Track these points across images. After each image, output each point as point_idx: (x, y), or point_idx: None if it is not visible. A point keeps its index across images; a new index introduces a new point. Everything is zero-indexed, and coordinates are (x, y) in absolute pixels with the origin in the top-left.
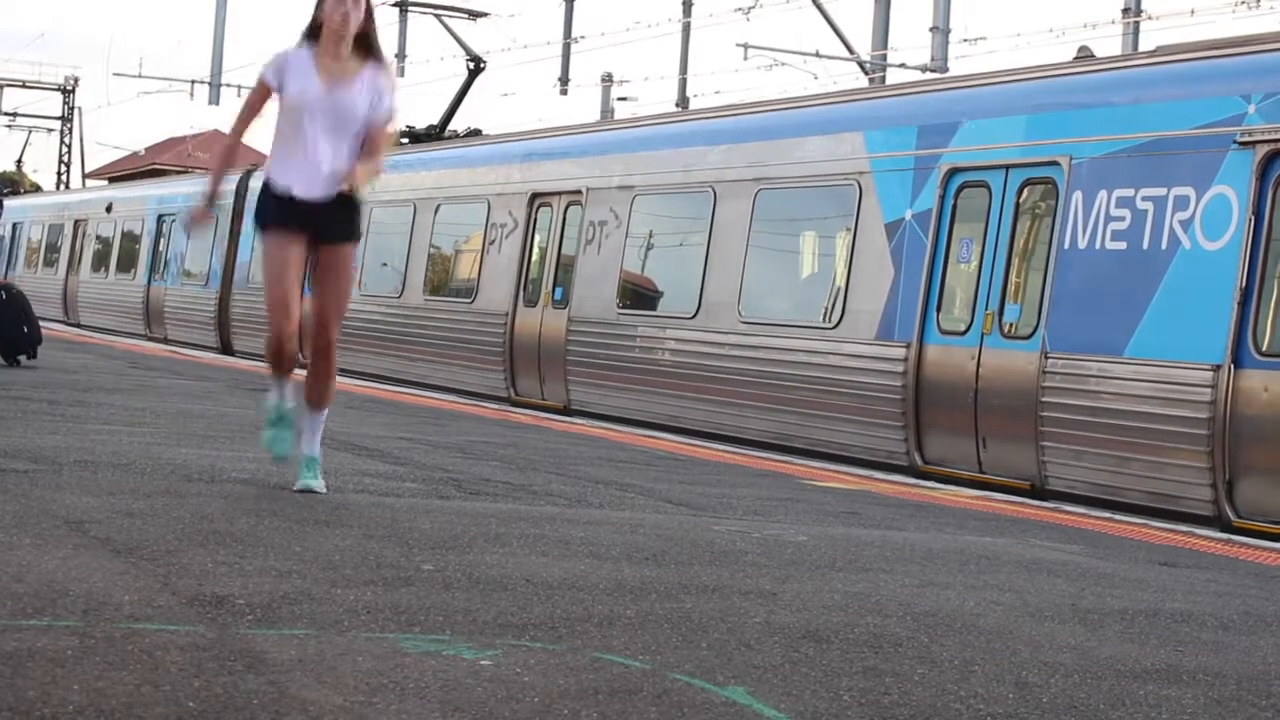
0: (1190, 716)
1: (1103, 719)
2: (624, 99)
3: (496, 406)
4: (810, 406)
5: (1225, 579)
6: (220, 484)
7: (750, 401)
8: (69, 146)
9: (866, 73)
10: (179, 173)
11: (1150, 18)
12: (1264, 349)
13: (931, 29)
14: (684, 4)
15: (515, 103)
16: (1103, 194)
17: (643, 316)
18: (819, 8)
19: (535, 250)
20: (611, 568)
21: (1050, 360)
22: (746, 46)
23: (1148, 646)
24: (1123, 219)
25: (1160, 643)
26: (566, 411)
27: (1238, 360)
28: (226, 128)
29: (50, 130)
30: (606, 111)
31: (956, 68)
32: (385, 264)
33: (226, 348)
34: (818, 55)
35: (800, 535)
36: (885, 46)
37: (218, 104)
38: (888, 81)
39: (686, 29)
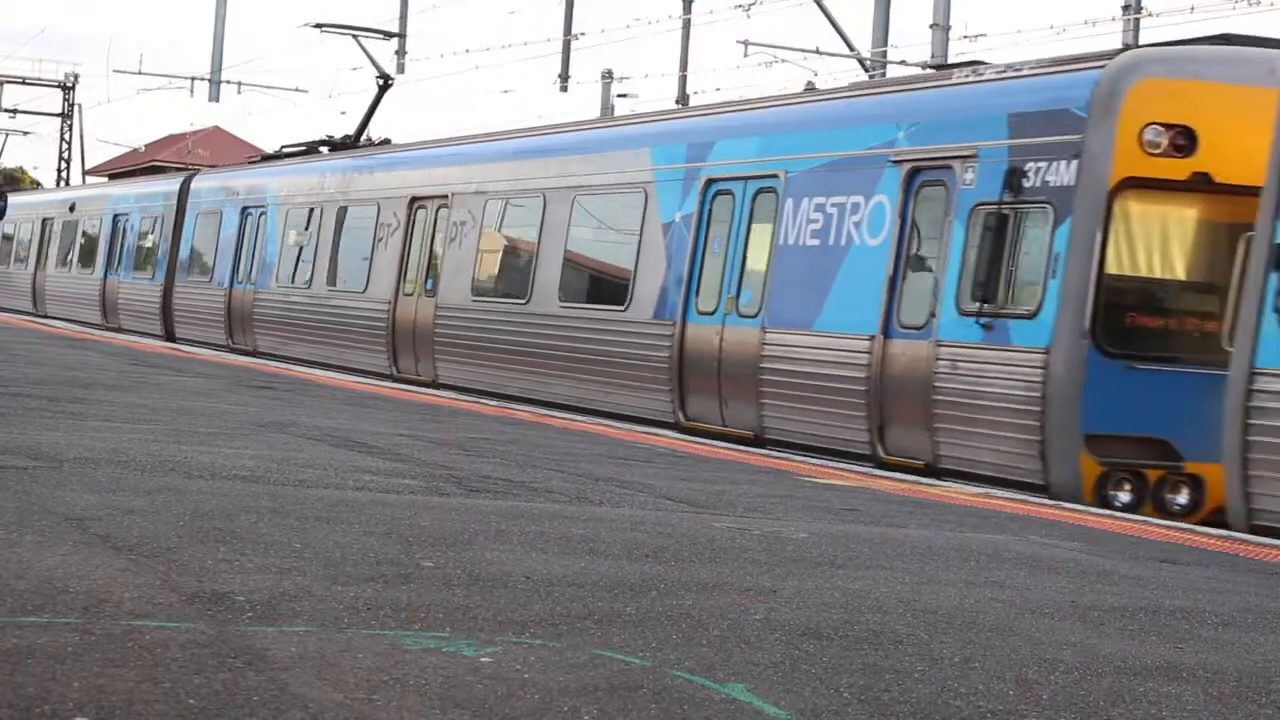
0: (1190, 713)
1: (1103, 716)
2: (624, 96)
3: (392, 385)
4: (608, 375)
5: (1225, 576)
6: (220, 481)
7: (566, 372)
8: (69, 144)
9: (867, 70)
10: (179, 169)
11: (1151, 14)
12: (903, 323)
13: (931, 26)
14: (684, 1)
15: (515, 99)
16: (806, 200)
17: (491, 303)
18: (819, 5)
19: (413, 247)
20: (611, 565)
21: (767, 334)
22: (747, 43)
23: (1148, 643)
24: (817, 221)
25: (1160, 640)
26: (435, 385)
27: (886, 332)
28: (227, 125)
29: (26, 133)
30: (607, 108)
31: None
32: (299, 259)
33: (170, 335)
34: (818, 52)
35: (800, 532)
36: (885, 44)
37: (218, 101)
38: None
39: (687, 25)
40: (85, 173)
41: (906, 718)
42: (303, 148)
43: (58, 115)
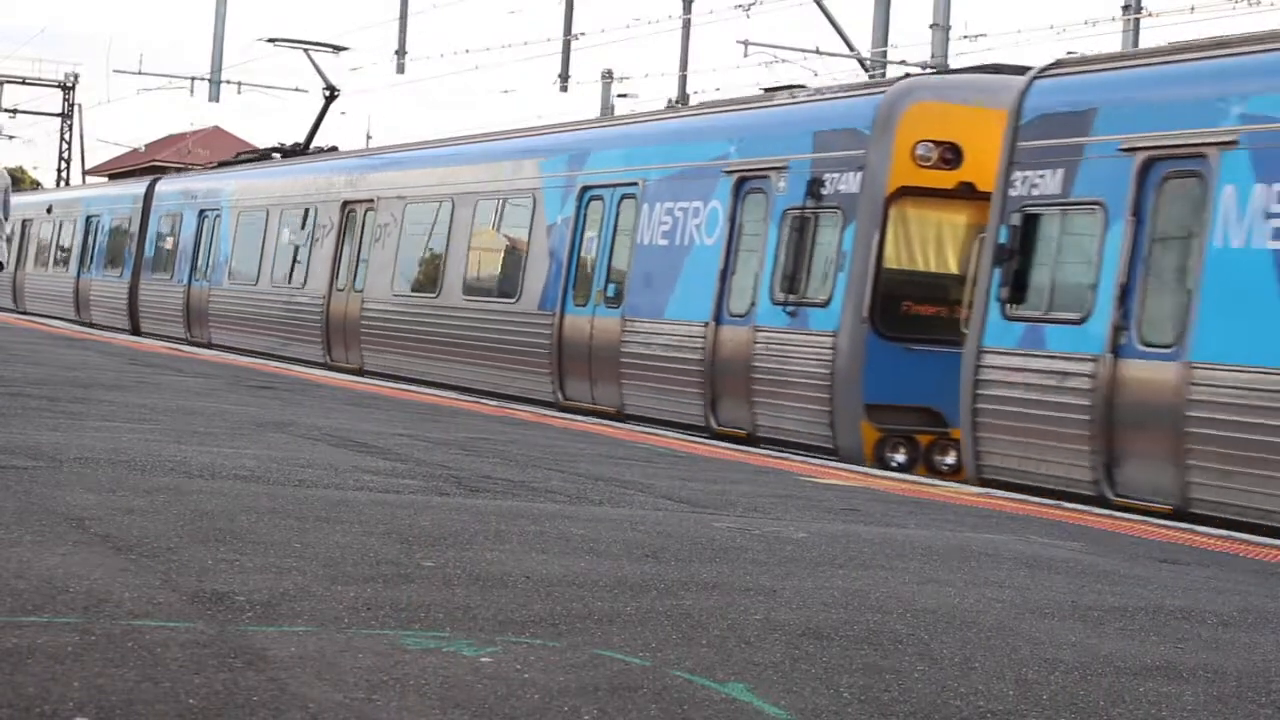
0: (1190, 713)
1: (1103, 716)
2: (624, 96)
3: (344, 377)
4: (503, 361)
5: (1225, 576)
6: (220, 481)
7: (470, 359)
8: (69, 143)
9: (867, 70)
10: (179, 169)
11: (1151, 14)
12: (731, 311)
13: (932, 26)
14: (684, 1)
15: (515, 99)
16: (659, 205)
17: (409, 297)
18: (819, 5)
19: (345, 247)
20: (611, 564)
21: (626, 323)
22: (747, 43)
23: (1148, 643)
24: (667, 223)
25: (1160, 640)
26: (361, 372)
27: (718, 319)
28: (227, 125)
29: (11, 137)
30: (607, 108)
31: (957, 65)
32: (248, 258)
33: (136, 329)
34: (818, 52)
35: (800, 532)
36: (885, 44)
37: (218, 101)
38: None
39: (687, 25)
40: (85, 173)
41: (906, 718)
42: (256, 154)
43: (58, 115)
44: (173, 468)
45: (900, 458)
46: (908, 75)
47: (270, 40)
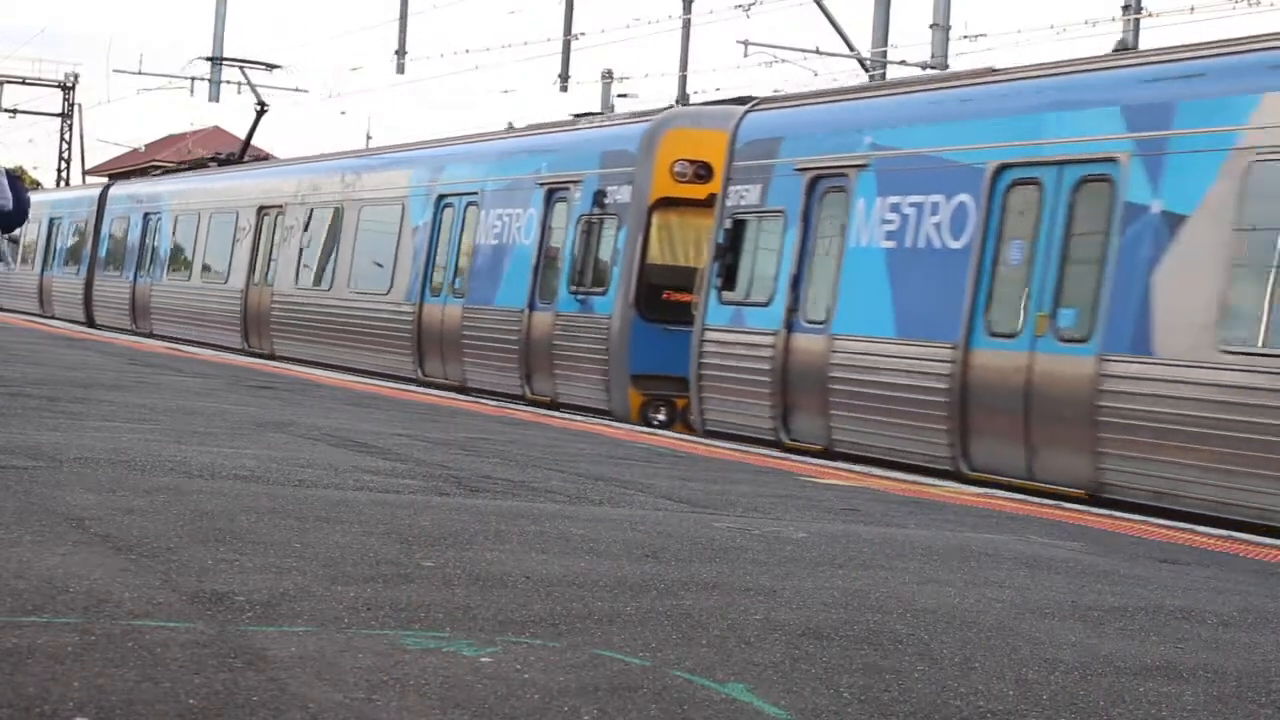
0: (1190, 713)
1: (1103, 716)
2: (624, 96)
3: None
4: (379, 345)
5: (1225, 576)
6: (220, 481)
7: (355, 344)
8: (69, 143)
9: (867, 70)
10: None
11: (1151, 14)
12: (542, 300)
13: (932, 26)
14: (684, 1)
15: (515, 99)
16: (493, 211)
17: (308, 290)
18: (819, 5)
19: (260, 246)
20: (611, 565)
21: (467, 310)
22: (747, 43)
23: (1148, 643)
24: (498, 226)
25: (1160, 640)
26: (272, 357)
27: (532, 306)
28: (227, 125)
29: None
30: (607, 108)
31: (956, 64)
32: (183, 256)
33: (90, 322)
34: (818, 52)
35: (800, 532)
36: (885, 44)
37: (218, 101)
38: (888, 78)
39: (687, 25)
40: (85, 173)
41: (906, 718)
42: (196, 163)
43: (58, 115)
44: (173, 468)
45: (661, 417)
46: (670, 107)
47: (209, 59)
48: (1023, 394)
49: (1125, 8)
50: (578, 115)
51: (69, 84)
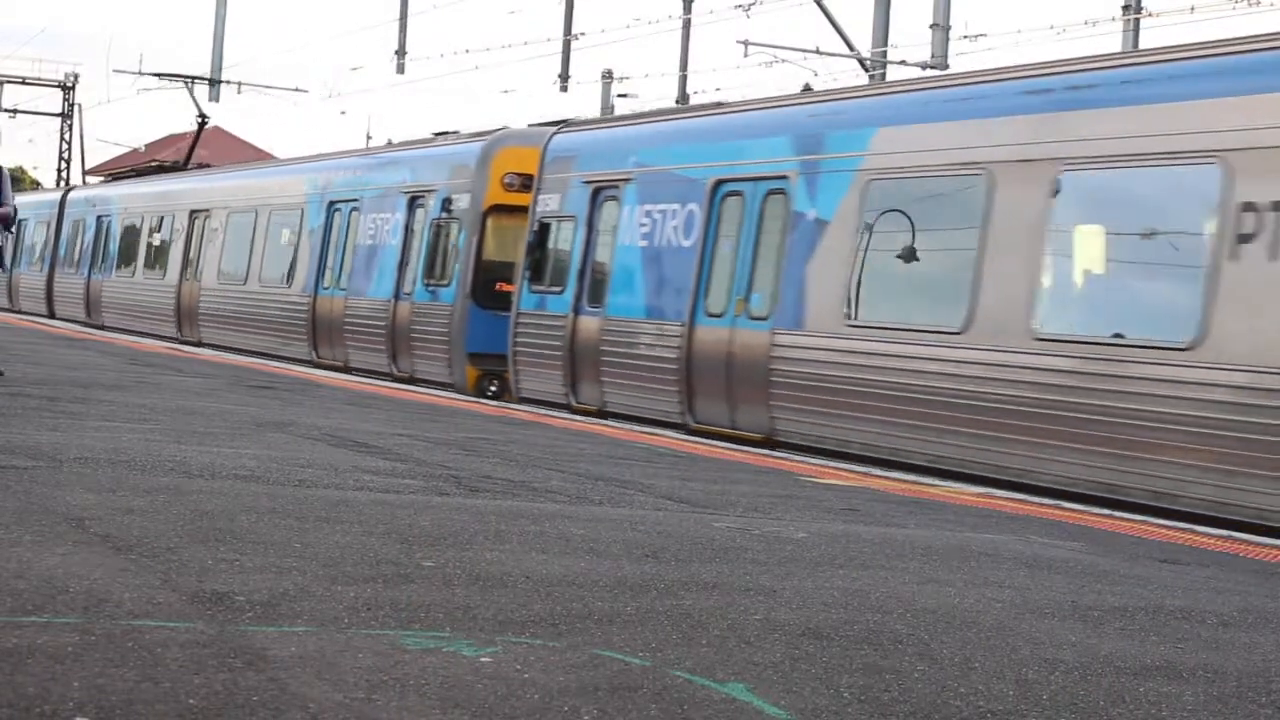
0: (1190, 713)
1: (1103, 716)
2: (624, 96)
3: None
4: (283, 333)
5: (1225, 576)
6: (220, 481)
7: (265, 332)
8: (69, 143)
9: (867, 70)
10: (179, 169)
11: (1151, 14)
12: (404, 291)
13: (932, 26)
14: (684, 1)
15: (515, 99)
16: (371, 215)
17: (229, 286)
18: (819, 5)
19: (191, 245)
20: (611, 564)
21: (348, 301)
22: (747, 43)
23: (1148, 644)
24: (373, 228)
25: (1160, 640)
26: (200, 344)
27: (397, 296)
28: (227, 125)
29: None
30: (607, 108)
31: (957, 64)
32: (128, 255)
33: (51, 314)
34: (818, 52)
35: (800, 532)
36: (885, 43)
37: (217, 101)
38: (889, 80)
39: (687, 25)
40: (85, 173)
41: (906, 718)
42: (144, 170)
43: (58, 115)
44: (173, 468)
45: (494, 389)
46: (504, 128)
47: (156, 74)
48: (725, 362)
49: (1125, 8)
50: (437, 133)
51: (69, 84)
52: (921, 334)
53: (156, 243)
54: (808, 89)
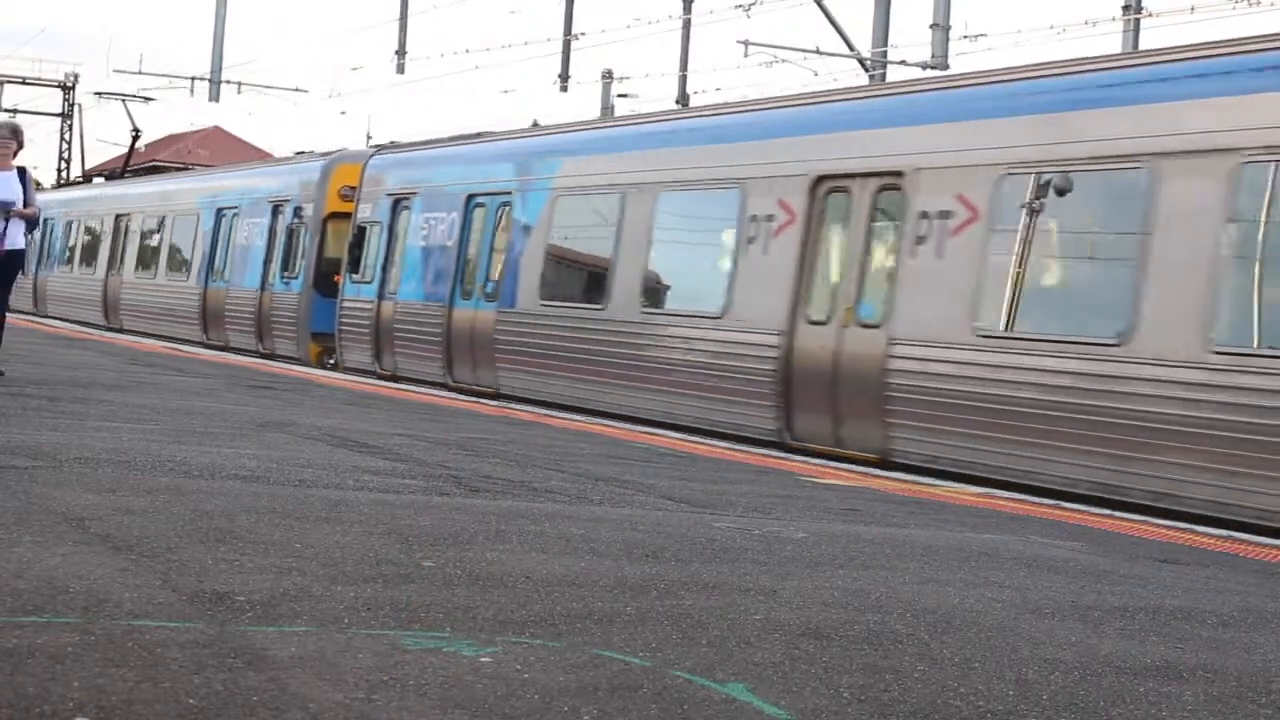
0: (1190, 713)
1: (1103, 716)
2: (624, 96)
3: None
4: (181, 320)
5: (1225, 576)
6: (220, 481)
7: (168, 319)
8: (69, 143)
9: (867, 70)
10: (179, 169)
11: (1151, 15)
12: (269, 283)
13: (932, 26)
14: (684, 1)
15: (515, 99)
16: (247, 220)
17: (143, 279)
18: (819, 5)
19: (117, 243)
20: (611, 565)
21: (228, 291)
22: (747, 43)
23: (1148, 643)
24: (248, 230)
25: (1160, 640)
26: (121, 330)
27: (263, 287)
28: (227, 125)
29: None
30: (607, 108)
31: (957, 64)
32: (68, 252)
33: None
34: (818, 52)
35: (800, 532)
36: (886, 44)
37: (217, 101)
38: (888, 80)
39: (687, 25)
40: (85, 173)
41: (906, 718)
42: (87, 179)
43: (58, 115)
44: (173, 468)
45: (330, 361)
46: (342, 149)
47: (99, 94)
48: (469, 334)
49: (1125, 8)
50: (298, 152)
51: (69, 84)
52: (577, 309)
53: (88, 242)
54: (535, 124)
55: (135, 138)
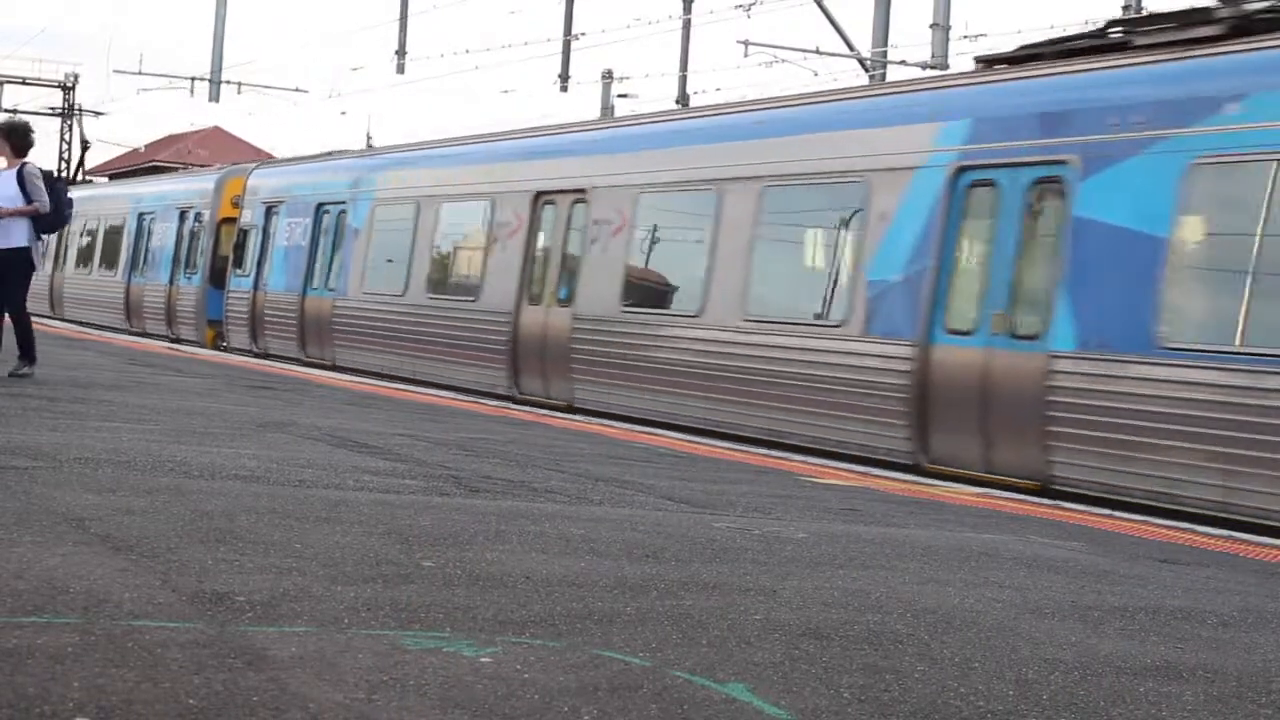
0: (1190, 713)
1: (1103, 716)
2: (624, 96)
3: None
4: (111, 309)
5: (1225, 576)
6: (220, 481)
7: (101, 309)
8: (69, 143)
9: (867, 70)
10: (179, 169)
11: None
12: (175, 279)
13: (932, 26)
14: (684, 1)
15: (515, 99)
16: (161, 223)
17: (81, 274)
18: (820, 5)
19: (61, 243)
20: (611, 565)
21: (146, 286)
22: (747, 43)
23: (1148, 643)
24: (162, 231)
25: (1160, 640)
26: (63, 319)
27: (171, 282)
28: (227, 125)
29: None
30: (607, 109)
31: (957, 64)
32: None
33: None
34: (818, 52)
35: (800, 532)
36: (885, 43)
37: (217, 101)
38: (887, 79)
39: (687, 25)
40: (85, 173)
41: (906, 718)
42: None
43: (58, 115)
44: (173, 468)
45: (224, 344)
46: (235, 165)
47: (56, 111)
48: (317, 319)
49: (1125, 8)
50: (198, 166)
51: (69, 84)
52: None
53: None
54: (371, 145)
55: (85, 148)
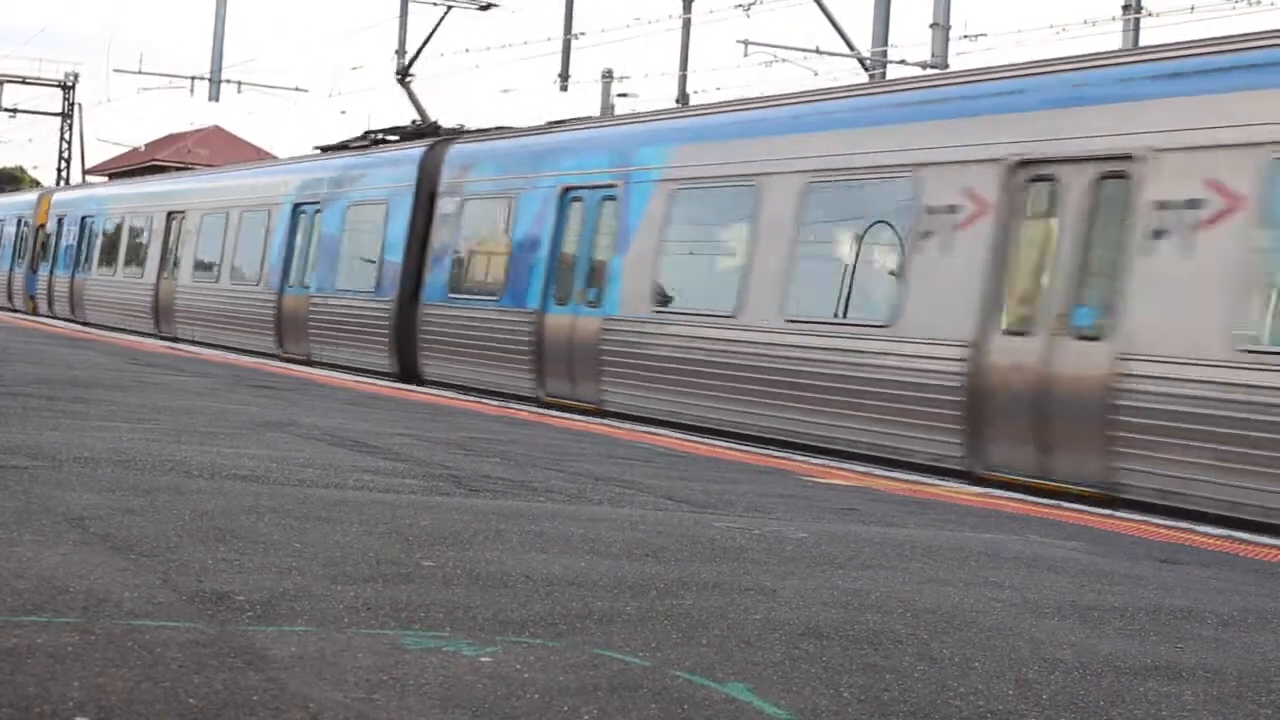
0: (1190, 713)
1: (1102, 716)
2: (624, 95)
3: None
4: (62, 301)
5: (1225, 576)
6: (220, 481)
7: (54, 301)
8: (69, 143)
9: (867, 69)
10: (179, 168)
11: (1151, 14)
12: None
13: (932, 25)
14: (684, 0)
15: (515, 99)
16: (4, 228)
17: (51, 270)
18: (819, 4)
19: (21, 241)
20: (611, 564)
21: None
22: (747, 43)
23: (1148, 643)
24: (10, 233)
25: (1160, 639)
26: (35, 313)
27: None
28: (227, 124)
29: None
30: (607, 108)
31: (956, 64)
32: None
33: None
34: (818, 52)
35: (800, 532)
36: (885, 43)
37: (218, 100)
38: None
39: (687, 25)
40: (85, 173)
41: (906, 718)
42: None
43: (58, 115)
44: (173, 468)
45: (37, 312)
46: (84, 175)
47: (12, 113)
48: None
49: (1125, 7)
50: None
51: (69, 84)
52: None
53: (9, 241)
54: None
55: (67, 161)
